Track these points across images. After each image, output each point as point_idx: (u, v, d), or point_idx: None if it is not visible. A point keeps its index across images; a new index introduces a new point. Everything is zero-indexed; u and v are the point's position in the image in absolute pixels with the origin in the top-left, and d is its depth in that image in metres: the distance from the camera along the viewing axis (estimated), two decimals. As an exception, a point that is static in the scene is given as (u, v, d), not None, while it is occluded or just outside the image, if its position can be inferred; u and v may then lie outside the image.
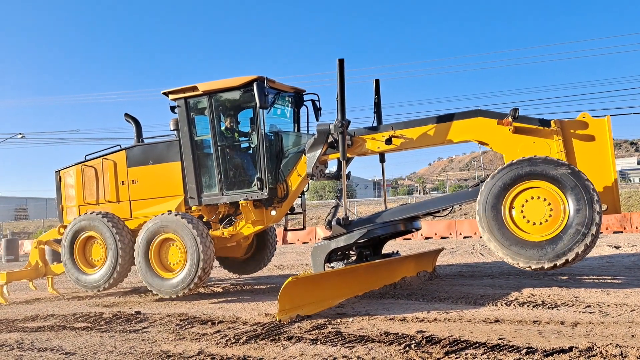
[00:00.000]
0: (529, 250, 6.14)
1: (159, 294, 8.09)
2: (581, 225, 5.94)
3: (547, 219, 6.18)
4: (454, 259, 12.52)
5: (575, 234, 5.96)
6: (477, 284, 8.11)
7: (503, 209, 6.37)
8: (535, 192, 6.27)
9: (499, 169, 6.55)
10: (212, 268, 8.07)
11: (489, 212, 6.40)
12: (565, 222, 6.05)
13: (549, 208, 6.18)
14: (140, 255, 8.16)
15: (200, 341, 5.23)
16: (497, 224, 6.33)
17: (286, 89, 8.69)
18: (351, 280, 7.25)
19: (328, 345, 4.73)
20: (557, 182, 6.10)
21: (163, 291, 8.00)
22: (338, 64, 7.42)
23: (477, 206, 6.53)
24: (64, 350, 5.21)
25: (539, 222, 6.21)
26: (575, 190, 6.00)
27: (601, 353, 4.00)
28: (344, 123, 7.49)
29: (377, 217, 7.81)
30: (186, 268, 7.86)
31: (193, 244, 7.78)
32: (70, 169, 9.78)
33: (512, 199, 6.37)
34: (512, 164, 6.41)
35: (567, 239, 5.98)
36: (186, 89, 8.40)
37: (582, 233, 5.93)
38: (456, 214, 25.12)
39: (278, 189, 8.23)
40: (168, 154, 8.78)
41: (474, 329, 5.08)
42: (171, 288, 7.94)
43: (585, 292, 6.83)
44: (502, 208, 6.37)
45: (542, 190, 6.23)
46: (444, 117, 7.45)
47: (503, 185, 6.38)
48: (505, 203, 6.38)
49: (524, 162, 6.33)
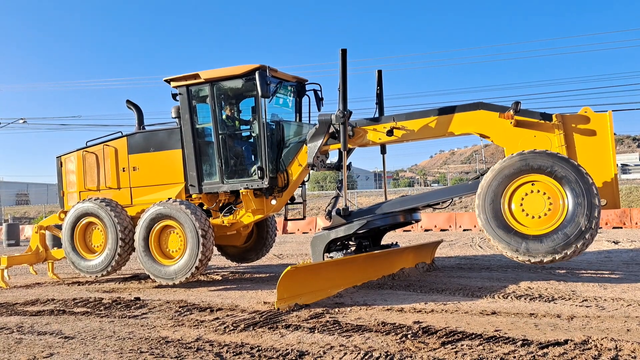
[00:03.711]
0: (528, 244, 6.15)
1: (159, 281, 8.13)
2: (580, 219, 5.95)
3: (546, 212, 6.19)
4: (453, 251, 12.56)
5: (574, 228, 5.97)
6: (475, 276, 8.15)
7: (502, 202, 6.37)
8: (535, 185, 6.27)
9: (499, 162, 6.56)
10: (211, 256, 8.10)
11: (488, 206, 6.40)
12: (564, 216, 6.06)
13: (548, 202, 6.19)
14: (140, 242, 8.19)
15: (198, 328, 5.27)
16: (496, 218, 6.34)
17: (288, 79, 8.67)
18: (350, 270, 7.29)
19: (325, 334, 4.77)
20: (557, 176, 6.10)
21: (162, 278, 8.05)
22: (340, 54, 7.39)
23: (476, 199, 6.54)
24: (63, 334, 5.26)
25: (538, 215, 6.22)
26: (574, 185, 6.00)
27: (596, 346, 4.03)
28: (345, 113, 7.49)
29: (377, 208, 7.83)
30: (186, 255, 7.90)
31: (193, 232, 7.81)
32: (71, 155, 9.79)
33: (512, 193, 6.38)
34: (512, 157, 6.41)
35: (566, 232, 5.99)
36: (188, 77, 8.38)
37: (580, 227, 5.94)
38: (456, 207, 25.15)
39: (279, 178, 8.24)
40: (169, 142, 8.78)
41: (471, 320, 5.11)
42: (170, 275, 7.98)
43: (582, 286, 6.86)
44: (502, 201, 6.37)
45: (541, 184, 6.23)
46: (446, 109, 7.44)
47: (503, 179, 6.38)
48: (505, 196, 6.38)
49: (524, 155, 6.33)
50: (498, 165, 6.48)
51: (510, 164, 6.37)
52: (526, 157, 6.29)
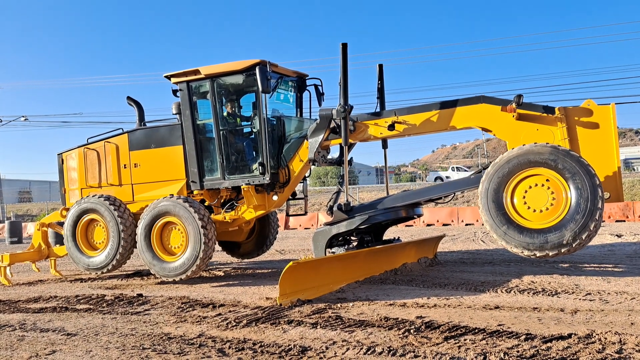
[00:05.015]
0: (532, 238, 6.11)
1: (161, 277, 8.13)
2: (583, 213, 5.92)
3: (548, 207, 6.16)
4: (455, 245, 12.54)
5: (577, 221, 5.93)
6: (478, 270, 8.13)
7: (505, 196, 6.34)
8: (538, 179, 6.23)
9: (501, 156, 6.52)
10: (213, 252, 8.10)
11: (490, 200, 6.37)
12: (567, 210, 6.02)
13: (552, 196, 6.15)
14: (142, 239, 8.19)
15: (201, 324, 5.27)
16: (499, 212, 6.31)
17: (289, 74, 8.64)
18: (352, 265, 7.28)
19: (328, 329, 4.76)
20: (559, 169, 6.06)
21: (165, 274, 8.05)
22: (341, 48, 7.35)
23: (479, 194, 6.51)
24: (66, 331, 5.26)
25: (541, 209, 6.19)
26: (577, 178, 5.96)
27: (600, 340, 4.01)
28: (346, 108, 7.45)
29: (379, 203, 7.80)
30: (188, 252, 7.89)
31: (195, 228, 7.80)
32: (72, 152, 9.79)
33: (514, 187, 6.34)
34: (514, 151, 6.38)
35: (569, 226, 5.95)
36: (188, 73, 8.35)
37: (584, 220, 5.91)
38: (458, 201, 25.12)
39: (280, 174, 8.23)
40: (170, 138, 8.76)
41: (474, 315, 5.10)
42: (173, 271, 7.98)
43: (585, 280, 6.84)
44: (504, 195, 6.34)
45: (544, 178, 6.19)
46: (448, 103, 7.40)
47: (505, 173, 6.34)
48: (507, 190, 6.35)
49: (526, 149, 6.29)
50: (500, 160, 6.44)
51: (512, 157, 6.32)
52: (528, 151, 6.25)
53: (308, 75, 9.04)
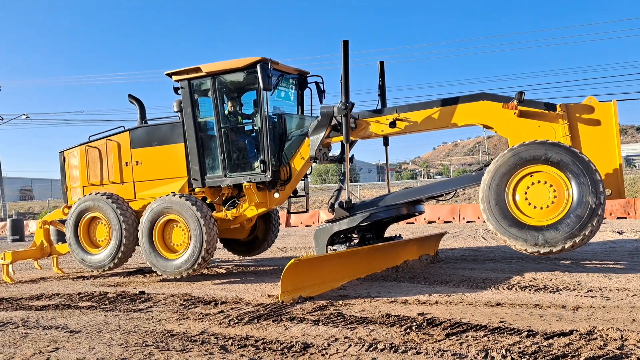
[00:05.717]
0: (534, 235, 6.12)
1: (163, 275, 8.15)
2: (585, 209, 5.92)
3: (549, 204, 6.16)
4: (457, 243, 12.55)
5: (579, 218, 5.94)
6: (479, 267, 8.13)
7: (506, 193, 6.34)
8: (539, 176, 6.24)
9: (502, 152, 6.52)
10: (215, 249, 8.12)
11: (492, 197, 6.37)
12: (569, 206, 6.03)
13: (553, 193, 6.16)
14: (144, 236, 8.21)
15: (203, 321, 5.28)
16: (500, 209, 6.31)
17: (290, 71, 8.63)
18: (353, 262, 7.28)
19: (330, 326, 4.77)
20: (561, 166, 6.06)
21: (167, 272, 8.07)
22: (342, 45, 7.35)
23: (480, 191, 6.51)
24: (68, 328, 5.28)
25: (543, 206, 6.19)
26: (578, 175, 5.97)
27: (601, 337, 4.02)
28: (347, 105, 7.45)
29: (380, 200, 7.81)
30: (190, 249, 7.91)
31: (196, 226, 7.81)
32: (74, 150, 9.80)
33: (516, 184, 6.34)
34: (515, 148, 6.38)
35: (571, 222, 5.96)
36: (189, 70, 8.36)
37: (586, 217, 5.91)
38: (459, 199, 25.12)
39: (281, 171, 8.23)
40: (171, 136, 8.77)
41: (475, 312, 5.11)
42: (175, 269, 8.00)
43: (587, 277, 6.84)
44: (506, 192, 6.34)
45: (545, 175, 6.20)
46: (449, 100, 7.40)
47: (506, 170, 6.34)
48: (509, 187, 6.35)
49: (528, 146, 6.29)
50: (501, 156, 6.44)
51: (513, 155, 6.33)
52: (529, 148, 6.25)
53: (309, 73, 9.04)
